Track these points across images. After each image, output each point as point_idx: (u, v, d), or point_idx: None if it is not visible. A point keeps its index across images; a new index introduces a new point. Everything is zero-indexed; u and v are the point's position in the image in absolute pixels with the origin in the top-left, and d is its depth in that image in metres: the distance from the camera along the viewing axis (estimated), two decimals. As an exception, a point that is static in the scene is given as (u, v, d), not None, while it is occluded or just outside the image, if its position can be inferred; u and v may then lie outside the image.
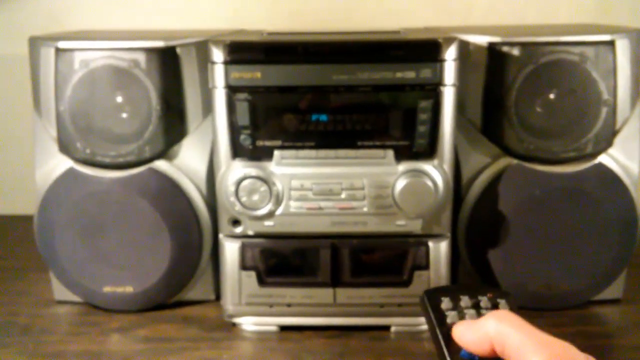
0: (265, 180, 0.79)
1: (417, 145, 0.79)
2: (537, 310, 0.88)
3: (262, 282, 0.84)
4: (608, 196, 0.84)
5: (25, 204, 0.98)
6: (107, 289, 0.89)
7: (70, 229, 0.87)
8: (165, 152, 0.86)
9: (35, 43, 0.84)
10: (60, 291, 0.92)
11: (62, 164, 0.86)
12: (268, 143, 0.79)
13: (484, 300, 0.58)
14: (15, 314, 0.90)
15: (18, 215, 1.21)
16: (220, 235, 0.85)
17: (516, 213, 0.85)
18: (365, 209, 0.80)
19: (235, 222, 0.83)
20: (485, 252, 0.87)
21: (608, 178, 0.84)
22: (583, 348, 0.80)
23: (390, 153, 0.79)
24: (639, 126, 0.85)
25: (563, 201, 0.84)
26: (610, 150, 0.84)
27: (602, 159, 0.84)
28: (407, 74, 0.76)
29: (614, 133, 0.83)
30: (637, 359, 0.79)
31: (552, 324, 0.86)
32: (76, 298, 0.91)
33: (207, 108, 0.83)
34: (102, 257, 0.87)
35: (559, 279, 0.87)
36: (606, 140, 0.83)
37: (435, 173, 0.79)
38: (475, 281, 0.89)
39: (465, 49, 0.82)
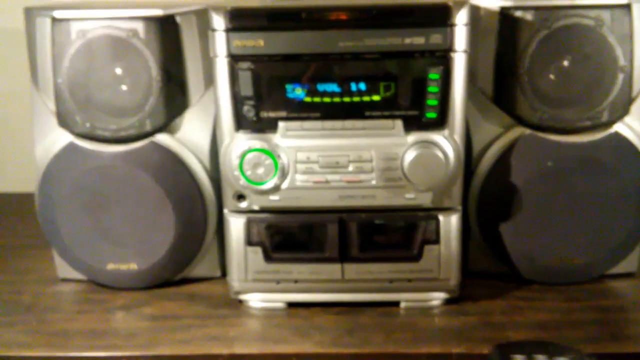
0: (270, 153, 0.77)
1: (426, 115, 0.77)
2: (550, 284, 0.87)
3: (268, 258, 0.83)
4: (624, 166, 0.82)
5: (28, 181, 0.97)
6: (111, 266, 0.87)
7: (72, 206, 0.85)
8: (167, 125, 0.84)
9: (30, 13, 0.82)
10: (64, 269, 0.91)
11: (61, 138, 0.84)
12: (272, 114, 0.77)
13: None
14: (19, 293, 0.89)
15: (20, 193, 1.19)
16: (225, 211, 0.83)
17: (529, 185, 0.83)
18: (373, 182, 0.79)
19: (240, 197, 0.81)
20: (497, 226, 0.85)
21: (624, 147, 0.82)
22: (597, 322, 0.79)
23: (399, 123, 0.77)
24: (656, 93, 0.82)
25: (577, 172, 0.82)
26: (627, 119, 0.82)
27: (618, 127, 0.82)
28: (416, 40, 0.74)
29: (631, 100, 0.81)
30: (653, 333, 0.77)
31: (565, 299, 0.85)
32: (80, 276, 0.90)
33: (209, 79, 0.81)
34: (105, 233, 0.86)
35: (573, 253, 0.86)
36: (622, 108, 0.81)
37: (446, 144, 0.77)
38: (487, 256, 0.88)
39: (476, 14, 0.79)
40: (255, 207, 0.81)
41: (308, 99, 0.77)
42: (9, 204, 1.20)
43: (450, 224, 0.81)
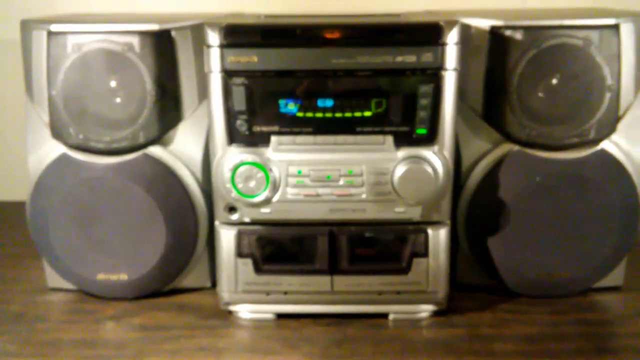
0: (262, 167, 0.78)
1: (417, 131, 0.78)
2: (537, 297, 0.88)
3: (258, 269, 0.83)
4: (610, 183, 0.83)
5: (19, 190, 0.97)
6: (101, 276, 0.87)
7: (64, 216, 0.85)
8: (160, 138, 0.84)
9: (27, 26, 0.82)
10: (54, 278, 0.91)
11: (54, 149, 0.84)
12: (265, 128, 0.78)
13: None
14: (8, 302, 0.89)
15: (11, 202, 1.19)
16: (216, 223, 0.83)
17: (517, 200, 0.84)
18: (363, 196, 0.79)
19: (232, 209, 0.82)
20: (485, 240, 0.86)
21: (610, 164, 0.83)
22: (583, 335, 0.80)
23: (389, 139, 0.78)
24: (643, 112, 0.84)
25: (564, 188, 0.83)
26: (613, 137, 0.83)
27: (605, 145, 0.83)
28: (408, 58, 0.75)
29: (617, 119, 0.82)
30: (637, 347, 0.78)
31: (552, 312, 0.86)
32: (70, 285, 0.90)
33: (203, 93, 0.82)
34: (96, 244, 0.86)
35: (560, 267, 0.87)
36: (609, 126, 0.82)
37: (435, 159, 0.78)
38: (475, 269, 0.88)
39: (466, 33, 0.80)
40: (246, 220, 0.82)
41: (300, 114, 0.77)
42: (0, 213, 1.20)
43: (439, 237, 0.82)
